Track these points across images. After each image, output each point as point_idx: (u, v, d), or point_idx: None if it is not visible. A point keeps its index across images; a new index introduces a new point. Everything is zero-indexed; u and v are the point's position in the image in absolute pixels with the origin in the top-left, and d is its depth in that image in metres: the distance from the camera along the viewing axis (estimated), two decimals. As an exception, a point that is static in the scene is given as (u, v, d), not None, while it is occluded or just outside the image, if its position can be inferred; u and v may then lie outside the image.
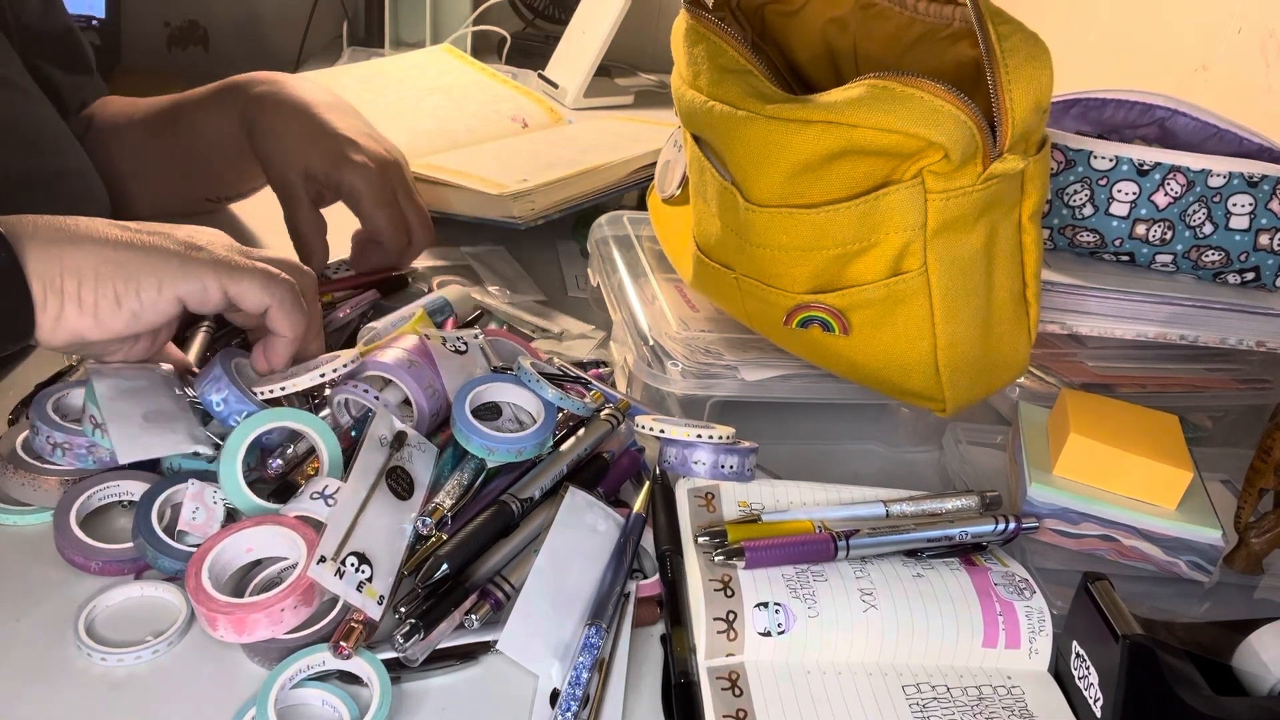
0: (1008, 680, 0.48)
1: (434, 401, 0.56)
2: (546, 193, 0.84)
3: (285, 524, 0.48)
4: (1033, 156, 0.52)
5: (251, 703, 0.42)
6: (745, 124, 0.52)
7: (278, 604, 0.44)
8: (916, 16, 0.59)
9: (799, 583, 0.48)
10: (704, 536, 0.50)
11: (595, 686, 0.45)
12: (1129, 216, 0.67)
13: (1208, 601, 0.55)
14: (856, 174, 0.52)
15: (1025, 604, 0.49)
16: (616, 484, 0.57)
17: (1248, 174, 0.64)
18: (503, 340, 0.65)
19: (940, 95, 0.48)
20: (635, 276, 0.72)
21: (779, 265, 0.56)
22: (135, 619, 0.47)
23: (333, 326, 0.69)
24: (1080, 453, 0.56)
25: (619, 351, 0.69)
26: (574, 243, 0.91)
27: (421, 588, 0.47)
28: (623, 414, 0.58)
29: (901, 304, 0.54)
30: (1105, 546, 0.55)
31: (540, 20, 1.54)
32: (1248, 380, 0.70)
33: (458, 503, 0.52)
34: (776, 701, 0.45)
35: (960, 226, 0.52)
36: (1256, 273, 0.67)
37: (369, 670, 0.44)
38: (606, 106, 1.29)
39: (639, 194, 0.90)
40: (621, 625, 0.48)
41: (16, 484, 0.51)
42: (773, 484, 0.56)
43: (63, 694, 0.43)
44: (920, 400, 0.59)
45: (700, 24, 0.57)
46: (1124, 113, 0.69)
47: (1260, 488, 0.57)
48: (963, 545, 0.52)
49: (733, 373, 0.62)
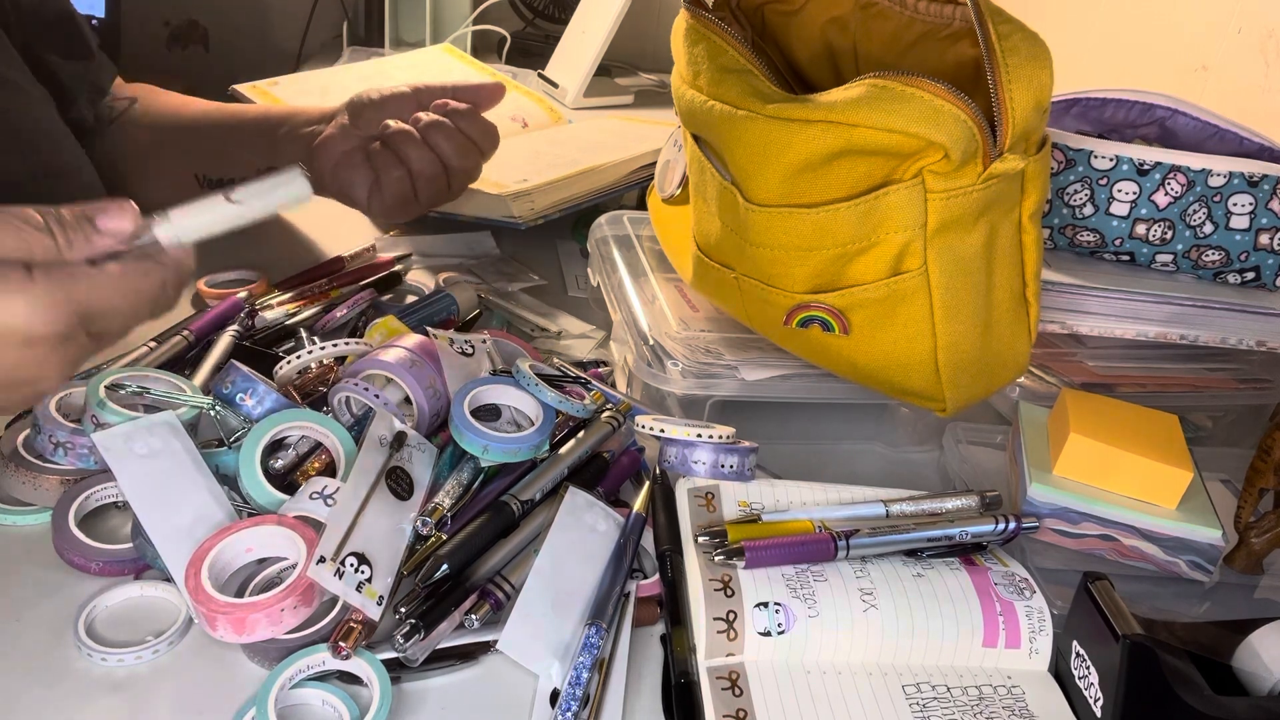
0: (1008, 680, 0.48)
1: (435, 402, 0.56)
2: (546, 193, 0.84)
3: (285, 524, 0.48)
4: (1033, 156, 0.52)
5: (251, 703, 0.42)
6: (745, 124, 0.52)
7: (277, 604, 0.44)
8: (916, 16, 0.59)
9: (799, 582, 0.48)
10: (704, 536, 0.50)
11: (595, 686, 0.45)
12: (1129, 216, 0.66)
13: (1208, 601, 0.55)
14: (856, 173, 0.52)
15: (1025, 604, 0.49)
16: (616, 484, 0.57)
17: (1248, 174, 0.64)
18: (503, 341, 0.65)
19: (940, 95, 0.48)
20: (635, 276, 0.72)
21: (779, 265, 0.56)
22: (135, 619, 0.47)
23: (331, 326, 0.69)
24: (1080, 452, 0.56)
25: (619, 351, 0.69)
26: (574, 243, 0.91)
27: (421, 588, 0.47)
28: (624, 415, 0.58)
29: (902, 304, 0.54)
30: (1105, 546, 0.55)
31: (540, 20, 1.54)
32: (1248, 380, 0.70)
33: (457, 503, 0.52)
34: (776, 701, 0.45)
35: (960, 226, 0.52)
36: (1256, 272, 0.67)
37: (369, 670, 0.44)
38: (606, 106, 1.29)
39: (639, 194, 0.90)
40: (621, 625, 0.48)
41: (17, 483, 0.51)
42: (773, 484, 0.56)
43: (63, 694, 0.43)
44: (920, 400, 0.59)
45: (700, 23, 0.57)
46: (1124, 112, 0.69)
47: (1260, 487, 0.57)
48: (963, 545, 0.52)
49: (733, 373, 0.62)
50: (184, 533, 0.47)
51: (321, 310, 0.70)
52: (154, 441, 0.50)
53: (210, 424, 0.55)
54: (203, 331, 0.64)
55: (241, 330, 0.64)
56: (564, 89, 1.28)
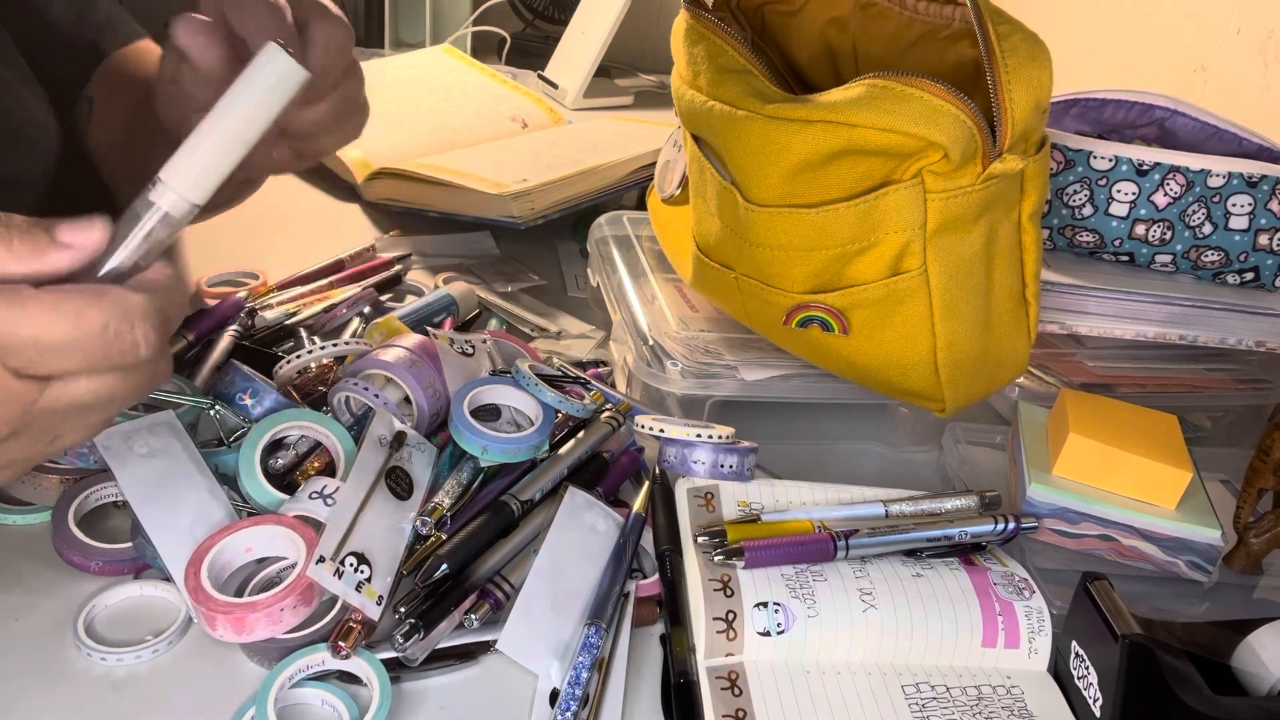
0: (1007, 680, 0.48)
1: (435, 402, 0.56)
2: (546, 193, 0.84)
3: (285, 524, 0.48)
4: (1032, 156, 0.52)
5: (251, 703, 0.42)
6: (745, 124, 0.52)
7: (277, 604, 0.44)
8: (916, 16, 0.59)
9: (798, 582, 0.48)
10: (703, 536, 0.50)
11: (595, 686, 0.45)
12: (1128, 216, 0.67)
13: (1207, 601, 0.55)
14: (856, 174, 0.52)
15: (1025, 604, 0.49)
16: (616, 484, 0.57)
17: (1247, 174, 0.64)
18: (503, 341, 0.65)
19: (940, 95, 0.48)
20: (635, 276, 0.72)
21: (779, 265, 0.56)
22: (135, 619, 0.47)
23: (331, 326, 0.69)
24: (1080, 453, 0.56)
25: (619, 351, 0.69)
26: (574, 243, 0.91)
27: (421, 587, 0.47)
28: (623, 416, 0.58)
29: (901, 304, 0.54)
30: (1104, 546, 0.55)
31: (540, 20, 1.54)
32: (1247, 380, 0.70)
33: (457, 503, 0.52)
34: (776, 701, 0.45)
35: (960, 226, 0.52)
36: (1256, 273, 0.67)
37: (368, 670, 0.44)
38: (606, 107, 1.29)
39: (639, 194, 0.90)
40: (621, 625, 0.48)
41: (17, 482, 0.51)
42: (772, 484, 0.56)
43: (63, 694, 0.43)
44: (920, 400, 0.59)
45: (700, 24, 0.57)
46: (1124, 113, 0.69)
47: (1259, 488, 0.57)
48: (962, 545, 0.52)
49: (732, 373, 0.62)
50: (184, 532, 0.47)
51: (321, 310, 0.70)
52: (154, 441, 0.50)
53: (210, 423, 0.55)
54: (203, 331, 0.64)
55: (241, 330, 0.64)
56: (564, 90, 1.28)
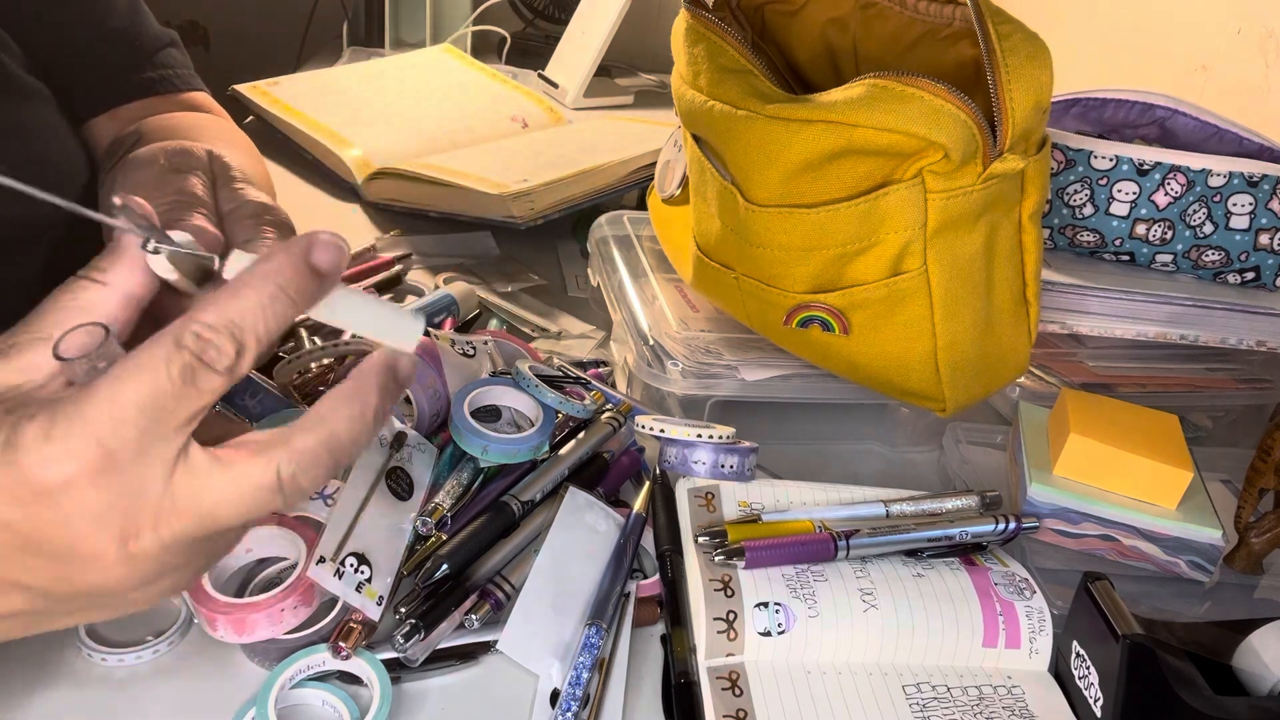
0: (1008, 680, 0.48)
1: (435, 402, 0.56)
2: (546, 193, 0.84)
3: (285, 524, 0.48)
4: (1033, 156, 0.52)
5: (251, 703, 0.42)
6: (745, 124, 0.52)
7: (277, 604, 0.44)
8: (916, 16, 0.59)
9: (799, 582, 0.48)
10: (704, 536, 0.50)
11: (595, 686, 0.45)
12: (1129, 216, 0.66)
13: (1208, 601, 0.55)
14: (856, 174, 0.52)
15: (1025, 604, 0.49)
16: (616, 484, 0.57)
17: (1248, 174, 0.64)
18: (504, 342, 0.65)
19: (940, 95, 0.48)
20: (635, 276, 0.72)
21: (779, 265, 0.56)
22: (135, 619, 0.47)
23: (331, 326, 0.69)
24: (1080, 453, 0.56)
25: (619, 351, 0.69)
26: (574, 243, 0.90)
27: (421, 588, 0.47)
28: (624, 416, 0.58)
29: (901, 304, 0.54)
30: (1105, 546, 0.55)
31: (540, 20, 1.54)
32: (1248, 380, 0.70)
33: (457, 503, 0.52)
34: (776, 701, 0.45)
35: (960, 226, 0.52)
36: (1256, 272, 0.67)
37: (369, 670, 0.44)
38: (606, 106, 1.29)
39: (639, 194, 0.90)
40: (621, 625, 0.48)
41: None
42: (773, 484, 0.56)
43: (63, 694, 0.43)
44: (920, 400, 0.59)
45: (700, 23, 0.57)
46: (1124, 113, 0.69)
47: (1260, 488, 0.57)
48: (963, 545, 0.52)
49: (733, 373, 0.62)
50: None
51: (321, 310, 0.70)
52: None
53: (210, 424, 0.55)
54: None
55: (242, 330, 0.64)
56: (564, 89, 1.28)
